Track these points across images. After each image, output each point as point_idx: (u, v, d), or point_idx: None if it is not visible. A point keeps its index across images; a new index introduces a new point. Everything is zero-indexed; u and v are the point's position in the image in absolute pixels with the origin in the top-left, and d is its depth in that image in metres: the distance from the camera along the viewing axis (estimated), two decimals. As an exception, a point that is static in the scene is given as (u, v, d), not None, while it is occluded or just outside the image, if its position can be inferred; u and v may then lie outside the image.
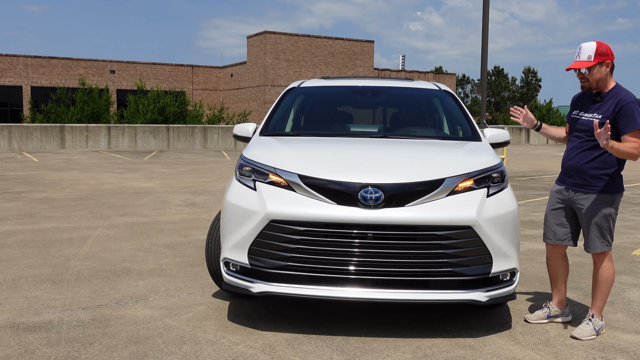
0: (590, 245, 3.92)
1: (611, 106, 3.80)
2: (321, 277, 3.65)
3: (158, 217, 8.18)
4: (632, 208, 9.74)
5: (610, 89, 3.87)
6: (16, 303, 4.42)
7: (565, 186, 4.01)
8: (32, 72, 40.16)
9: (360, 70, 43.14)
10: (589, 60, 3.80)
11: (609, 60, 3.81)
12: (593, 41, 3.85)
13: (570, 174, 3.96)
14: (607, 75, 3.84)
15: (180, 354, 3.54)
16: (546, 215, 4.13)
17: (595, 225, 3.86)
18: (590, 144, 3.86)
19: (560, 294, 4.16)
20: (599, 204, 3.85)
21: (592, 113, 3.88)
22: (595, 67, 3.80)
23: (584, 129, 3.90)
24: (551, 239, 4.08)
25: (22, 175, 13.50)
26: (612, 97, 3.82)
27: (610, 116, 3.78)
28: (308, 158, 4.12)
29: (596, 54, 3.79)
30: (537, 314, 4.15)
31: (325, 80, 5.83)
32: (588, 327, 3.89)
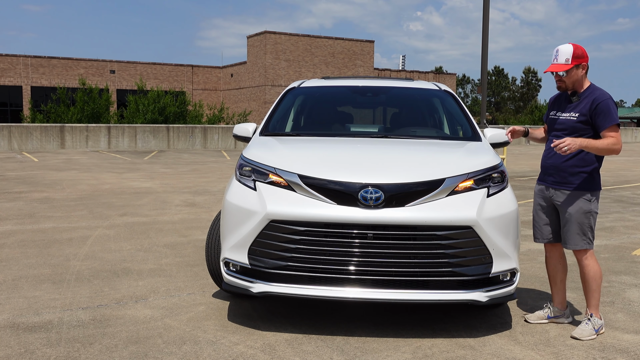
0: (569, 241, 3.95)
1: (587, 104, 3.90)
2: (321, 277, 3.64)
3: (158, 217, 8.18)
4: (632, 208, 9.74)
5: (585, 89, 3.98)
6: (16, 303, 4.42)
7: (545, 185, 4.08)
8: (32, 72, 40.16)
9: (360, 70, 43.14)
10: (566, 63, 3.90)
11: (584, 63, 3.93)
12: (569, 44, 3.95)
13: (550, 172, 4.03)
14: (582, 76, 3.96)
15: (180, 354, 3.54)
16: (533, 215, 4.19)
17: (575, 221, 3.91)
18: None
19: (560, 294, 4.17)
20: (578, 200, 3.91)
21: (569, 112, 3.99)
22: (573, 69, 3.91)
23: (562, 129, 3.99)
24: (540, 239, 4.13)
25: (22, 175, 13.51)
26: (588, 96, 3.93)
27: (587, 114, 3.88)
28: (308, 158, 4.11)
29: (573, 57, 3.89)
30: (538, 314, 4.16)
31: (326, 80, 5.83)
32: (587, 326, 3.89)
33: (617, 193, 11.63)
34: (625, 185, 13.21)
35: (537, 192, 4.18)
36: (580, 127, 3.92)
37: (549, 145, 4.03)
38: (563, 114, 4.03)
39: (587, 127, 3.90)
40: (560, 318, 4.14)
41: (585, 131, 3.91)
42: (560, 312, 4.15)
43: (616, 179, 14.74)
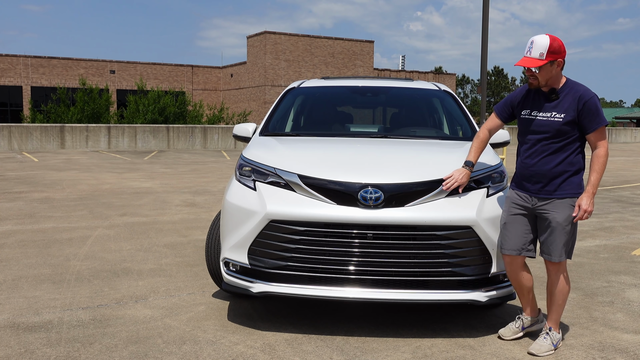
0: (554, 253, 3.59)
1: (572, 102, 3.51)
2: (321, 277, 3.65)
3: (158, 217, 8.18)
4: (631, 208, 9.74)
5: (563, 84, 3.59)
6: (16, 303, 4.43)
7: (528, 193, 3.64)
8: (32, 72, 40.16)
9: (360, 70, 43.14)
10: (540, 58, 3.47)
11: (560, 59, 3.51)
12: (546, 35, 3.51)
13: (535, 180, 3.59)
14: (557, 73, 3.56)
15: (180, 354, 3.54)
16: (504, 224, 3.69)
17: (563, 232, 3.55)
18: (554, 146, 3.54)
19: (530, 302, 3.84)
20: (567, 208, 3.55)
21: (549, 112, 3.56)
22: (547, 65, 3.50)
23: (543, 131, 3.56)
24: (509, 250, 3.65)
25: (22, 175, 13.51)
26: (570, 93, 3.55)
27: (573, 113, 3.50)
28: (308, 158, 4.12)
29: (548, 52, 3.46)
30: (511, 329, 3.82)
31: (325, 81, 5.84)
32: (546, 341, 3.63)
33: (616, 193, 11.63)
34: (624, 185, 13.22)
35: (513, 200, 3.70)
36: (566, 130, 3.52)
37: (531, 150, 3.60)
38: (542, 114, 3.58)
39: (573, 128, 3.52)
40: (534, 325, 3.86)
41: (570, 133, 3.53)
42: (533, 319, 3.85)
43: (616, 179, 14.74)
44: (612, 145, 35.05)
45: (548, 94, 3.60)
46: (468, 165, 3.80)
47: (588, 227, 7.89)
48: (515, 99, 3.80)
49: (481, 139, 3.90)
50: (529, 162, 3.62)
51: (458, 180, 3.72)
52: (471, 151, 3.87)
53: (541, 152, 3.57)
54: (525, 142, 3.67)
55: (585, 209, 3.48)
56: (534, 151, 3.60)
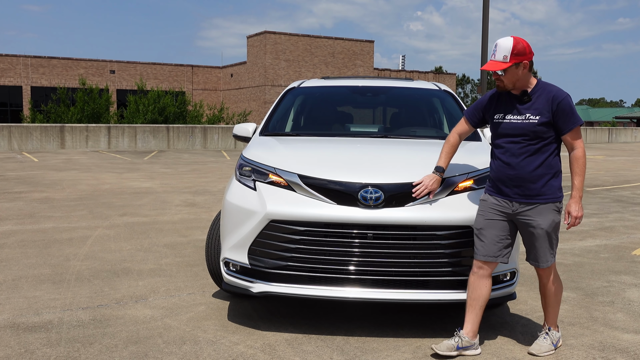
0: (540, 259, 3.53)
1: (546, 103, 3.45)
2: (321, 277, 3.64)
3: (158, 217, 8.18)
4: (632, 208, 9.74)
5: (534, 85, 3.53)
6: (16, 303, 4.42)
7: (508, 199, 3.52)
8: (32, 72, 40.16)
9: (360, 70, 43.14)
10: (504, 61, 3.42)
11: (526, 61, 3.45)
12: (510, 37, 3.46)
13: (514, 184, 3.48)
14: (524, 75, 3.49)
15: (180, 354, 3.54)
16: (479, 229, 3.56)
17: (547, 237, 3.50)
18: (532, 148, 3.46)
19: (475, 321, 3.59)
20: (551, 213, 3.48)
21: (523, 114, 3.48)
22: (511, 68, 3.44)
23: (519, 134, 3.47)
24: (485, 256, 3.52)
25: (22, 175, 13.50)
26: (543, 94, 3.48)
27: (548, 114, 3.44)
28: (308, 158, 4.11)
29: (512, 54, 3.41)
30: (447, 345, 3.54)
31: (325, 80, 5.83)
32: (546, 341, 3.62)
33: (617, 193, 11.63)
34: (625, 185, 13.21)
35: (490, 204, 3.57)
36: (541, 131, 3.44)
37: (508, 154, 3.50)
38: (516, 116, 3.50)
39: (549, 129, 3.45)
40: (469, 349, 3.57)
41: (545, 135, 3.45)
42: (470, 342, 3.57)
43: (616, 178, 14.74)
44: (613, 145, 35.06)
45: (520, 97, 3.53)
46: (438, 171, 3.73)
47: (588, 227, 7.89)
48: (485, 103, 3.71)
49: (451, 143, 3.82)
50: (506, 167, 3.51)
51: (428, 186, 3.66)
52: (441, 156, 3.78)
53: (518, 155, 3.47)
54: (500, 146, 3.56)
55: (575, 215, 3.45)
56: (510, 155, 3.50)
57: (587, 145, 34.02)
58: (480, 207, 3.63)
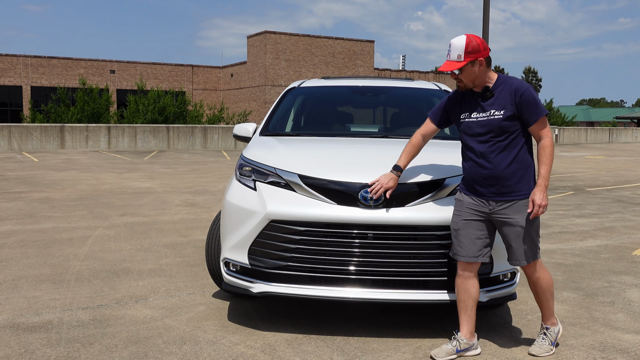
0: (520, 257, 3.47)
1: (509, 97, 3.42)
2: (321, 277, 3.64)
3: (158, 217, 8.18)
4: (632, 208, 9.74)
5: (495, 80, 3.49)
6: (16, 303, 4.42)
7: (483, 198, 3.48)
8: (32, 72, 40.15)
9: (360, 70, 43.13)
10: (459, 60, 3.40)
11: (481, 57, 3.41)
12: (463, 35, 3.43)
13: (489, 183, 3.44)
14: (483, 72, 3.45)
15: (180, 354, 3.54)
16: (457, 229, 3.52)
17: (527, 234, 3.43)
18: (501, 145, 3.42)
19: (470, 322, 3.57)
20: (526, 209, 3.40)
21: (488, 110, 3.45)
22: (467, 66, 3.42)
23: (486, 131, 3.44)
24: (465, 257, 3.48)
25: (22, 175, 13.50)
26: (505, 88, 3.45)
27: (512, 108, 3.40)
28: (308, 158, 4.11)
29: (466, 52, 3.38)
30: (446, 350, 3.53)
31: (326, 80, 5.83)
32: (544, 342, 3.60)
33: (617, 193, 11.63)
34: (625, 185, 13.21)
35: (466, 204, 3.52)
36: (507, 126, 3.41)
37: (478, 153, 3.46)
38: (481, 114, 3.47)
39: (515, 123, 3.41)
40: (469, 350, 3.57)
41: (512, 129, 3.42)
42: (468, 343, 3.56)
43: (616, 179, 14.74)
44: (613, 145, 35.07)
45: (482, 93, 3.50)
46: (396, 170, 3.68)
47: (589, 227, 7.89)
48: (449, 104, 3.68)
49: (413, 143, 3.78)
50: (478, 166, 3.47)
51: (384, 185, 3.62)
52: (401, 156, 3.74)
53: (489, 153, 3.43)
54: (469, 146, 3.53)
55: (539, 203, 3.33)
56: (481, 153, 3.46)
57: (587, 145, 34.03)
58: (455, 207, 3.58)
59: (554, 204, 10.08)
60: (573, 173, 16.04)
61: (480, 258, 3.51)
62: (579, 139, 37.27)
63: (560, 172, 16.31)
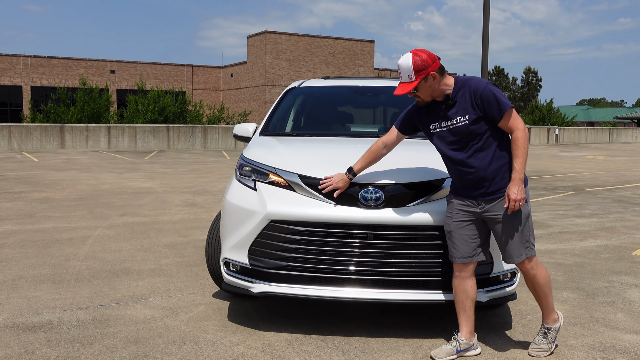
0: (513, 255, 3.45)
1: (469, 100, 3.39)
2: (321, 277, 3.64)
3: (158, 217, 8.18)
4: (632, 208, 9.74)
5: (453, 87, 3.46)
6: (16, 303, 4.42)
7: (473, 201, 3.47)
8: (32, 72, 40.16)
9: (360, 70, 43.13)
10: (411, 80, 3.39)
11: (432, 71, 3.38)
12: (409, 54, 3.41)
13: (475, 186, 3.44)
14: (438, 83, 3.44)
15: (180, 354, 3.54)
16: (450, 231, 3.53)
17: (517, 230, 3.41)
18: (477, 146, 3.41)
19: (470, 322, 3.57)
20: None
21: (455, 118, 3.43)
22: (421, 84, 3.41)
23: (459, 139, 3.43)
24: (461, 258, 3.49)
25: (22, 175, 13.50)
26: (464, 92, 3.42)
27: (475, 110, 3.37)
28: (308, 158, 4.11)
29: (416, 72, 3.36)
30: (446, 350, 3.53)
31: (326, 80, 5.83)
32: (544, 342, 3.57)
33: (617, 193, 11.63)
34: (625, 185, 13.21)
35: (457, 205, 3.51)
36: (476, 129, 3.38)
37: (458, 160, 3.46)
38: (448, 122, 3.45)
39: (482, 124, 3.38)
40: (469, 350, 3.57)
41: (482, 130, 3.38)
42: (469, 343, 3.57)
43: (616, 179, 14.74)
44: (613, 145, 35.07)
45: (444, 102, 3.48)
46: (349, 172, 3.69)
47: (589, 228, 7.89)
48: (416, 115, 3.66)
49: (372, 150, 3.78)
50: (461, 173, 3.46)
51: (334, 183, 3.63)
52: (359, 160, 3.75)
53: (467, 158, 3.42)
54: (446, 154, 3.53)
55: (514, 198, 3.28)
56: (461, 161, 3.44)
57: (587, 145, 34.02)
58: (448, 208, 3.58)
59: (554, 204, 10.08)
60: (573, 173, 16.04)
61: (475, 257, 3.51)
62: (579, 139, 37.27)
63: (561, 172, 16.31)
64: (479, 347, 3.64)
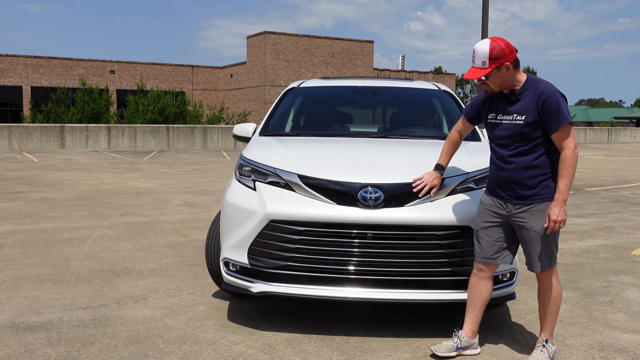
0: (535, 263, 3.42)
1: (531, 102, 3.33)
2: (321, 277, 3.65)
3: (158, 217, 8.18)
4: (632, 208, 9.75)
5: (523, 84, 3.40)
6: (16, 303, 4.43)
7: (502, 200, 3.46)
8: (32, 72, 40.15)
9: (359, 70, 43.14)
10: (483, 67, 3.32)
11: (507, 62, 3.32)
12: (487, 40, 3.34)
13: (507, 187, 3.42)
14: (511, 75, 3.37)
15: (180, 354, 3.54)
16: (477, 230, 3.54)
17: (541, 240, 3.37)
18: (522, 149, 3.37)
19: (475, 321, 3.60)
20: (544, 215, 3.33)
21: (512, 115, 3.39)
22: (493, 72, 3.34)
23: (508, 135, 3.40)
24: (483, 258, 3.50)
25: (22, 175, 13.50)
26: (530, 92, 3.36)
27: (533, 114, 3.31)
28: (308, 158, 4.12)
29: (490, 59, 3.29)
30: (446, 346, 3.55)
31: (325, 81, 5.84)
32: (543, 355, 3.48)
33: (616, 193, 11.64)
34: (624, 185, 13.22)
35: (486, 206, 3.53)
36: (528, 132, 3.33)
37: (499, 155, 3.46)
38: (505, 116, 3.42)
39: (537, 130, 3.32)
40: (469, 349, 3.59)
41: (534, 135, 3.33)
42: (470, 342, 3.59)
43: (615, 179, 14.75)
44: (612, 145, 35.08)
45: (508, 96, 3.44)
46: (439, 169, 3.73)
47: (588, 227, 7.89)
48: (479, 103, 3.65)
49: (452, 141, 3.81)
50: (499, 168, 3.45)
51: (429, 182, 3.65)
52: (442, 154, 3.77)
53: (508, 157, 3.40)
54: (494, 147, 3.52)
55: (555, 219, 3.24)
56: (501, 156, 3.43)
57: (586, 145, 34.03)
58: (479, 208, 3.60)
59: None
60: (572, 173, 16.02)
61: (498, 260, 3.50)
62: (578, 139, 37.28)
63: (560, 172, 16.28)
64: (478, 348, 3.65)
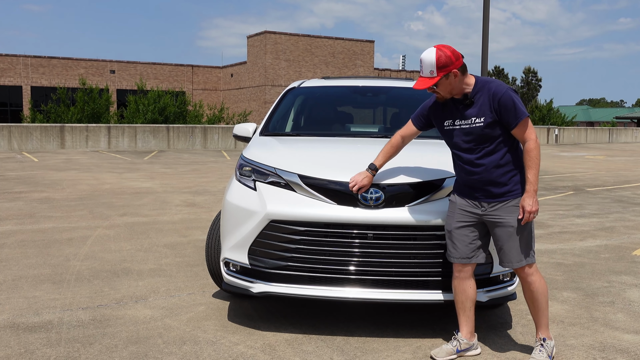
0: (513, 259, 3.41)
1: (487, 103, 3.36)
2: (321, 277, 3.64)
3: (158, 217, 8.18)
4: (632, 208, 9.74)
5: (473, 86, 3.43)
6: (16, 303, 4.42)
7: (476, 202, 3.46)
8: (32, 72, 40.15)
9: (360, 70, 43.13)
10: (432, 76, 3.35)
11: (455, 69, 3.34)
12: (433, 49, 3.36)
13: (480, 188, 3.42)
14: (459, 81, 3.40)
15: (180, 354, 3.54)
16: (450, 231, 3.52)
17: (521, 235, 3.38)
18: (488, 149, 3.39)
19: (470, 322, 3.58)
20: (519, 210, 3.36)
21: (470, 119, 3.41)
22: (442, 80, 3.36)
23: (471, 139, 3.41)
24: (460, 258, 3.48)
25: (22, 175, 13.50)
26: (483, 93, 3.39)
27: (491, 114, 3.35)
28: (308, 158, 4.11)
29: (438, 68, 3.32)
30: (446, 350, 3.54)
31: (326, 80, 5.84)
32: (542, 354, 3.46)
33: (617, 193, 11.63)
34: (625, 185, 13.21)
35: (459, 205, 3.51)
36: (489, 133, 3.36)
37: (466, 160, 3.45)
38: (463, 121, 3.43)
39: (496, 129, 3.36)
40: (469, 350, 3.58)
41: (496, 134, 3.36)
42: (469, 343, 3.58)
43: (616, 179, 14.74)
44: (613, 145, 35.07)
45: (462, 101, 3.45)
46: (371, 169, 3.67)
47: (589, 227, 7.89)
48: (431, 110, 3.64)
49: (392, 144, 3.77)
50: (469, 172, 3.45)
51: (358, 182, 3.62)
52: (379, 155, 3.74)
53: (476, 159, 3.41)
54: (458, 153, 3.51)
55: (529, 210, 3.29)
56: (469, 161, 3.44)
57: (587, 145, 34.02)
58: (449, 208, 3.57)
59: (554, 204, 10.08)
60: (573, 173, 16.05)
61: (473, 259, 3.50)
62: (579, 139, 37.27)
63: (560, 172, 16.31)
64: (479, 348, 3.64)
